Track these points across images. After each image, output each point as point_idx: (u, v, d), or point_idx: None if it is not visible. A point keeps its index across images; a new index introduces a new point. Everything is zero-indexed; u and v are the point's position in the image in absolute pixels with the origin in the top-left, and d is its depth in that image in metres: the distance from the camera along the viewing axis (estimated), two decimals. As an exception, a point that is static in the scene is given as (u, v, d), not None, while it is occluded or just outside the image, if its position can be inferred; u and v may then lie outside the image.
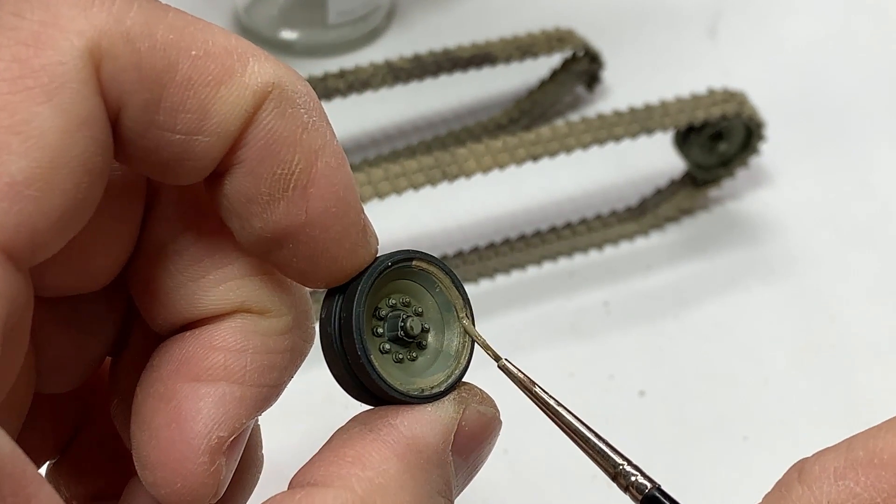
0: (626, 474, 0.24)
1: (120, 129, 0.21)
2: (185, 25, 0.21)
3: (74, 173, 0.20)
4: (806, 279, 0.55)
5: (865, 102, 0.64)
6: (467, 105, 0.62)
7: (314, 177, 0.23)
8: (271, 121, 0.22)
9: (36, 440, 0.27)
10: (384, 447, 0.23)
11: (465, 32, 0.61)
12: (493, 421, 0.25)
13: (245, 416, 0.24)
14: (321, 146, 0.23)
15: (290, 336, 0.25)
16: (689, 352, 0.52)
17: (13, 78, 0.20)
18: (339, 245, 0.24)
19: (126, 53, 0.21)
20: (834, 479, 0.22)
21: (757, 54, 0.66)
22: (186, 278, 0.24)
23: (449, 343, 0.26)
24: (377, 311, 0.25)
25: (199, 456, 0.23)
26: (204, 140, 0.22)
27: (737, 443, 0.48)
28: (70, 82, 0.20)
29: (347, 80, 0.55)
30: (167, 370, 0.24)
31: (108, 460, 0.28)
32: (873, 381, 0.51)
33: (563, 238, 0.55)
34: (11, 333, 0.20)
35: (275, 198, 0.23)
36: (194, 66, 0.21)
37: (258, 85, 0.22)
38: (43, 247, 0.20)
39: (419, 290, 0.26)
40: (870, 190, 0.59)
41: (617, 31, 0.65)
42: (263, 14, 0.65)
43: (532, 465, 0.47)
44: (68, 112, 0.20)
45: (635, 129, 0.52)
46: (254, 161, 0.22)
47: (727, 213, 0.58)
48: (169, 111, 0.21)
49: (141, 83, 0.21)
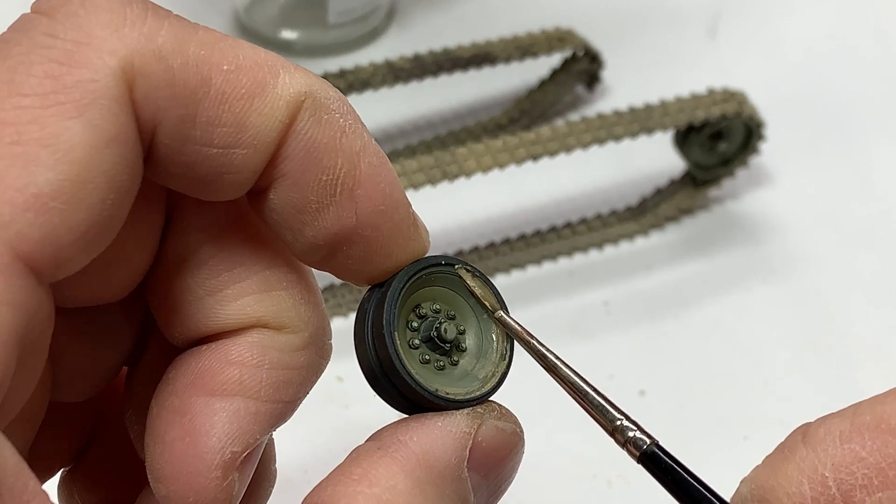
0: (623, 429, 0.24)
1: (157, 146, 0.22)
2: (216, 42, 0.22)
3: (101, 189, 0.20)
4: (806, 279, 0.55)
5: (865, 102, 0.64)
6: (467, 105, 0.62)
7: (359, 178, 0.23)
8: (309, 129, 0.22)
9: (50, 447, 0.27)
10: (392, 463, 0.22)
11: (465, 32, 0.61)
12: (513, 437, 0.24)
13: (259, 432, 0.24)
14: (361, 147, 0.23)
15: (307, 352, 0.25)
16: (689, 352, 0.52)
17: (45, 93, 0.20)
18: (391, 241, 0.24)
19: (159, 71, 0.21)
20: (840, 443, 0.22)
21: (757, 54, 0.66)
22: (204, 292, 0.24)
23: (488, 348, 0.26)
24: (409, 322, 0.25)
25: (212, 471, 0.23)
26: (241, 152, 0.22)
27: (737, 443, 0.48)
28: (101, 99, 0.20)
29: (347, 80, 0.55)
30: (182, 383, 0.24)
31: (122, 470, 0.28)
32: (873, 381, 0.50)
33: (563, 238, 0.55)
34: (31, 347, 0.20)
35: (324, 205, 0.23)
36: (227, 81, 0.22)
37: (290, 95, 0.22)
38: (66, 262, 0.20)
39: (453, 297, 0.26)
40: (870, 190, 0.59)
41: (617, 31, 0.65)
42: (263, 14, 0.65)
43: (532, 465, 0.47)
44: (98, 128, 0.20)
45: (635, 129, 0.52)
46: (297, 172, 0.23)
47: (727, 213, 0.58)
48: (205, 126, 0.22)
49: (175, 99, 0.21)
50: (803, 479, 0.22)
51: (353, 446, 0.24)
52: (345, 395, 0.48)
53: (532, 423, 0.27)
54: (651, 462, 0.23)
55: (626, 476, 0.46)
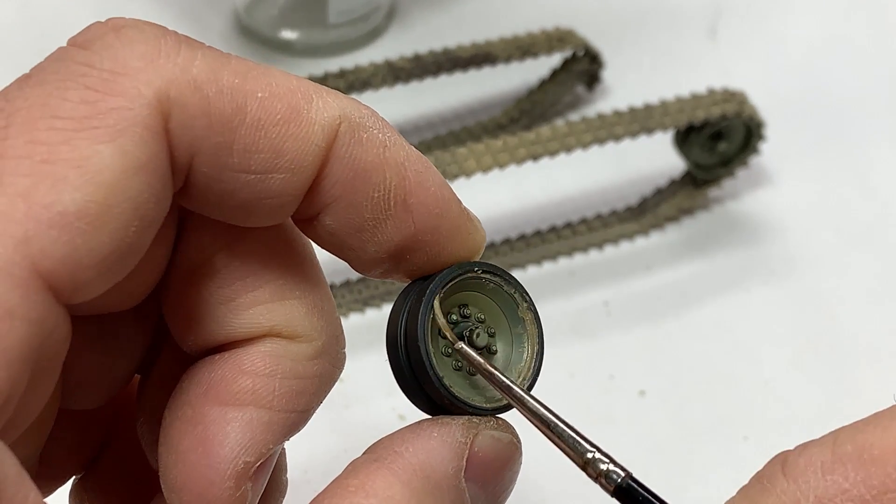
0: (595, 462, 0.23)
1: (195, 175, 0.22)
2: (248, 70, 0.22)
3: (126, 215, 0.20)
4: (806, 279, 0.55)
5: (865, 102, 0.64)
6: (467, 105, 0.62)
7: (410, 188, 0.23)
8: (351, 151, 0.23)
9: (61, 455, 0.27)
10: (388, 474, 0.22)
11: (465, 32, 0.61)
12: (509, 447, 0.24)
13: (272, 442, 0.24)
14: (405, 157, 0.23)
15: (320, 361, 0.25)
16: (689, 352, 0.52)
17: (79, 117, 0.20)
18: (451, 240, 0.24)
19: (195, 101, 0.21)
20: (822, 474, 0.21)
21: (757, 54, 0.66)
22: (217, 301, 0.24)
23: (517, 357, 0.26)
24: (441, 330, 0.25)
25: (224, 480, 0.23)
26: (279, 177, 0.22)
27: (737, 443, 0.48)
28: (134, 126, 0.20)
29: (347, 80, 0.55)
30: (195, 393, 0.24)
31: (134, 478, 0.28)
32: (873, 381, 0.51)
33: (563, 238, 0.55)
34: (44, 366, 0.20)
35: (380, 220, 0.23)
36: (262, 108, 0.22)
37: (325, 120, 0.23)
38: (84, 285, 0.20)
39: (487, 303, 0.26)
40: (870, 190, 0.59)
41: (617, 31, 0.65)
42: (263, 14, 0.65)
43: (532, 465, 0.47)
44: (129, 154, 0.20)
45: (635, 129, 0.52)
46: (349, 193, 0.23)
47: (727, 213, 0.58)
48: (242, 153, 0.22)
49: (211, 128, 0.21)
50: None
51: (353, 447, 0.24)
52: (345, 395, 0.48)
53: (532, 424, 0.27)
54: (626, 496, 0.23)
55: (626, 476, 0.46)
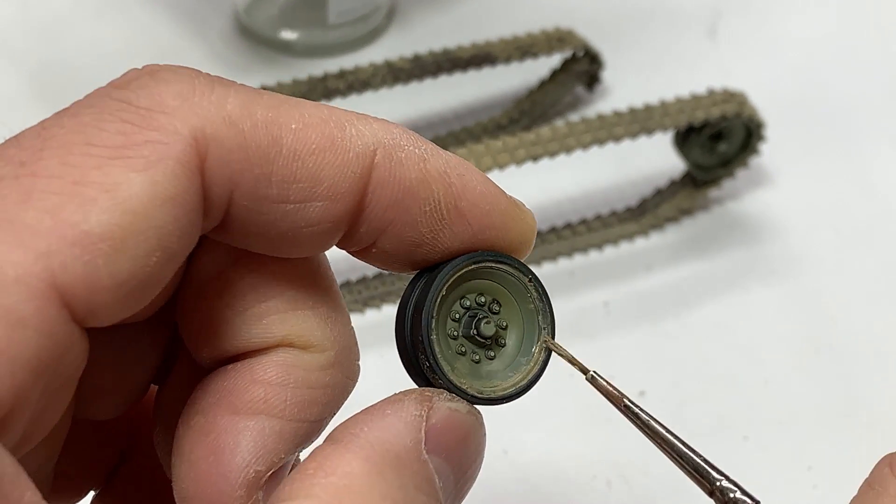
0: (724, 490, 0.24)
1: (234, 208, 0.22)
2: (280, 103, 0.23)
3: (149, 243, 0.21)
4: (806, 279, 0.55)
5: (865, 102, 0.64)
6: (467, 105, 0.62)
7: (458, 192, 0.24)
8: (393, 173, 0.23)
9: (79, 467, 0.27)
10: (345, 452, 0.22)
11: (465, 32, 0.61)
12: (468, 417, 0.24)
13: (284, 451, 0.24)
14: (445, 164, 0.24)
15: (332, 371, 0.25)
16: (689, 352, 0.52)
17: (114, 146, 0.21)
18: (507, 231, 0.25)
19: (231, 135, 0.22)
20: None
21: (757, 54, 0.66)
22: (231, 312, 0.24)
23: (526, 351, 0.26)
24: (452, 313, 0.25)
25: (236, 489, 0.23)
26: (318, 205, 0.23)
27: (737, 443, 0.48)
28: (168, 160, 0.21)
29: (347, 80, 0.55)
30: (208, 402, 0.24)
31: (153, 490, 0.28)
32: (873, 381, 0.51)
33: (563, 238, 0.55)
34: (58, 382, 0.20)
35: (437, 230, 0.24)
36: (297, 138, 0.22)
37: (359, 147, 0.23)
38: (99, 308, 0.20)
39: (505, 295, 0.26)
40: (870, 190, 0.59)
41: (617, 31, 0.65)
42: (263, 14, 0.65)
43: (532, 465, 0.47)
44: (159, 185, 0.21)
45: (635, 129, 0.52)
46: (401, 214, 0.24)
47: (727, 213, 0.58)
48: (280, 184, 0.22)
49: (249, 160, 0.22)
50: None
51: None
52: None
53: (532, 424, 0.27)
54: None
55: (626, 476, 0.46)
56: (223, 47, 0.64)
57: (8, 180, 0.20)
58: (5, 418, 0.19)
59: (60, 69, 0.60)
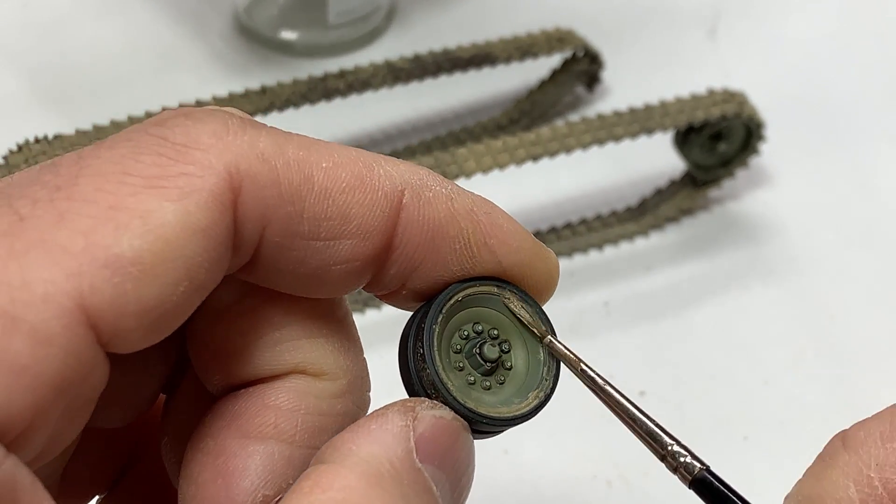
0: (675, 455, 0.24)
1: (266, 245, 0.23)
2: (311, 144, 0.23)
3: (178, 272, 0.21)
4: (806, 279, 0.55)
5: (865, 102, 0.64)
6: (467, 105, 0.62)
7: (485, 230, 0.24)
8: (422, 212, 0.24)
9: (85, 473, 0.27)
10: (341, 468, 0.22)
11: (465, 32, 0.61)
12: (454, 423, 0.24)
13: (292, 477, 0.24)
14: (471, 202, 0.24)
15: (344, 400, 0.25)
16: (689, 352, 0.52)
17: (150, 176, 0.21)
18: (534, 269, 0.25)
19: (264, 172, 0.22)
20: (881, 443, 0.22)
21: (757, 54, 0.66)
22: (244, 339, 0.24)
23: (534, 372, 0.26)
24: (453, 346, 0.25)
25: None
26: (348, 243, 0.23)
27: (737, 443, 0.48)
28: (201, 192, 0.21)
29: (347, 80, 0.55)
30: (218, 425, 0.24)
31: (158, 497, 0.28)
32: (873, 381, 0.51)
33: (563, 238, 0.55)
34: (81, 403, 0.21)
35: (468, 267, 0.25)
36: (328, 177, 0.23)
37: (388, 187, 0.24)
38: (123, 334, 0.21)
39: (499, 318, 0.26)
40: (870, 190, 0.59)
41: (617, 31, 0.65)
42: (263, 14, 0.65)
43: (532, 465, 0.47)
44: (191, 216, 0.21)
45: (635, 129, 0.52)
46: (432, 254, 0.24)
47: (727, 213, 0.58)
48: (312, 221, 0.23)
49: (282, 197, 0.22)
50: (849, 483, 0.22)
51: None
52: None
53: (532, 424, 0.27)
54: (702, 487, 0.24)
55: (626, 476, 0.46)
56: (223, 47, 0.64)
57: (43, 203, 0.20)
58: (25, 433, 0.19)
59: (60, 69, 0.60)
